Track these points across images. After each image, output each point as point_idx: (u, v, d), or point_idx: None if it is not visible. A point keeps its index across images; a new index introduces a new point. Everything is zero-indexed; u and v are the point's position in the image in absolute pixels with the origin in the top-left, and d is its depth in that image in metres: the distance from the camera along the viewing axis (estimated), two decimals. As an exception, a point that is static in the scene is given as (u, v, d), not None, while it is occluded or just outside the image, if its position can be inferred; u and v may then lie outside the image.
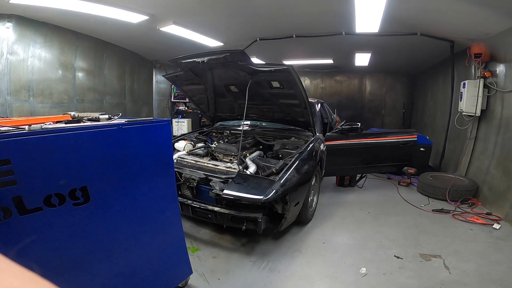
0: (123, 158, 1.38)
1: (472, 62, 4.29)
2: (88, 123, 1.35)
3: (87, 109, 5.00)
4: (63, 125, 1.27)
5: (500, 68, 3.91)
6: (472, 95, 4.19)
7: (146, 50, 6.30)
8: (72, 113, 1.52)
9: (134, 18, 3.90)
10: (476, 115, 4.22)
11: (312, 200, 3.24)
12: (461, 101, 4.41)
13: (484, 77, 4.11)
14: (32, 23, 4.00)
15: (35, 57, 4.12)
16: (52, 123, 1.31)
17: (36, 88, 4.16)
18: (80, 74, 4.95)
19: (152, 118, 1.56)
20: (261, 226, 2.42)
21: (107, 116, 1.49)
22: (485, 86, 4.12)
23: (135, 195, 1.47)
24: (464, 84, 4.31)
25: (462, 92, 4.38)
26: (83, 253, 1.29)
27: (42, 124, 1.17)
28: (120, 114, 1.57)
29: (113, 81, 5.80)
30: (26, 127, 1.12)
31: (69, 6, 3.38)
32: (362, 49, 5.81)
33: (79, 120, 1.46)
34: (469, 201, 3.82)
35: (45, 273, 0.35)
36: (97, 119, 1.45)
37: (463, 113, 4.42)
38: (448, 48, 4.70)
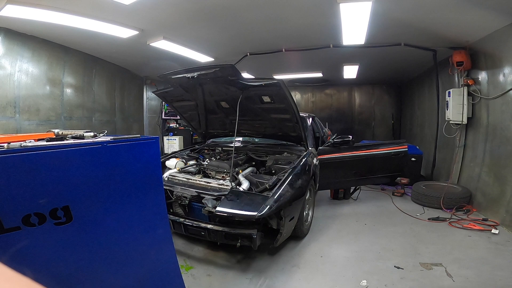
0: (108, 176, 1.33)
1: (455, 70, 4.41)
2: (71, 141, 1.30)
3: (75, 126, 4.87)
4: (44, 143, 1.21)
5: (482, 75, 4.03)
6: (458, 104, 4.28)
7: (137, 66, 6.29)
8: (56, 131, 1.46)
9: (124, 33, 3.90)
10: (463, 123, 4.30)
11: (307, 214, 3.19)
12: (447, 109, 4.51)
13: (468, 85, 4.22)
14: (19, 36, 3.90)
15: (22, 72, 3.99)
16: (33, 140, 1.25)
17: (22, 104, 4.01)
18: (68, 90, 4.84)
19: (139, 135, 1.52)
20: (256, 242, 2.36)
21: (92, 134, 1.44)
22: (469, 94, 4.23)
23: (122, 214, 1.41)
24: (449, 92, 4.42)
25: (448, 101, 4.48)
26: (66, 273, 1.23)
27: (21, 142, 1.12)
28: (106, 132, 1.52)
29: (102, 97, 5.70)
30: (5, 144, 1.08)
31: (58, 20, 3.35)
32: (350, 61, 5.95)
33: (62, 137, 1.40)
34: (464, 208, 3.83)
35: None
36: (82, 137, 1.40)
37: (451, 122, 4.50)
38: (431, 58, 4.84)
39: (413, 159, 5.04)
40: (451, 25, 3.61)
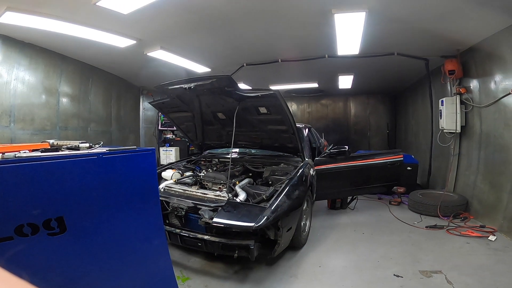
0: (104, 187, 1.32)
1: (447, 79, 4.47)
2: (66, 152, 1.29)
3: (70, 136, 4.81)
4: (38, 153, 1.21)
5: (474, 84, 4.10)
6: (451, 112, 4.34)
7: (133, 76, 6.30)
8: (51, 141, 1.45)
9: (122, 42, 3.93)
10: (457, 131, 4.35)
11: (305, 224, 3.17)
12: (441, 118, 4.56)
13: (460, 94, 4.28)
14: (17, 44, 3.88)
15: (19, 80, 3.95)
16: (27, 151, 1.25)
17: (17, 113, 3.95)
18: (64, 100, 4.79)
19: (135, 147, 1.53)
20: (254, 253, 2.33)
21: (87, 145, 1.43)
22: (462, 102, 4.29)
23: (118, 225, 1.40)
24: (442, 101, 4.48)
25: (441, 110, 4.54)
26: (59, 284, 1.20)
27: (16, 152, 1.11)
28: (102, 143, 1.51)
29: (98, 107, 5.67)
30: (0, 155, 1.07)
31: (56, 28, 3.36)
32: (345, 71, 6.05)
33: (57, 148, 1.39)
34: (461, 216, 3.83)
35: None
36: (77, 148, 1.39)
37: (444, 131, 4.54)
38: (424, 67, 4.92)
39: (409, 168, 5.08)
40: (443, 34, 3.70)
